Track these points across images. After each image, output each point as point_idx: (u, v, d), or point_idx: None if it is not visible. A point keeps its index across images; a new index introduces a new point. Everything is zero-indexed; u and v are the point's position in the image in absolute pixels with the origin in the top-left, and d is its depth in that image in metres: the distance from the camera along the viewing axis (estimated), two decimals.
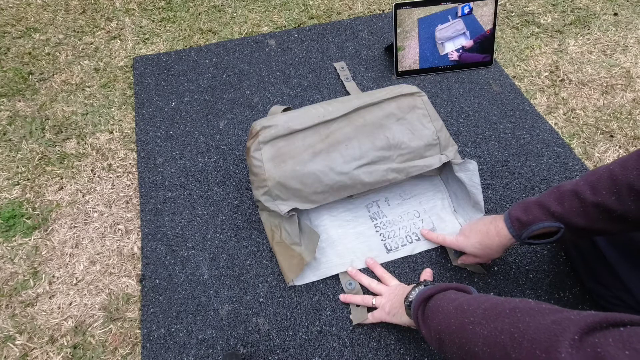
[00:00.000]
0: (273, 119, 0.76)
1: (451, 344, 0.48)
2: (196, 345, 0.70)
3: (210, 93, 1.06)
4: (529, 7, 1.27)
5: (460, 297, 0.52)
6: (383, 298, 0.69)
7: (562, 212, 0.57)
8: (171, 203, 0.87)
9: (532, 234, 0.60)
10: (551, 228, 0.59)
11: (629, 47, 1.15)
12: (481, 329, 0.44)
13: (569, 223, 0.57)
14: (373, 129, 0.76)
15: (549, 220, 0.59)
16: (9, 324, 0.74)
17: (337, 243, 0.80)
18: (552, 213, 0.58)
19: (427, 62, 1.08)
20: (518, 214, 0.62)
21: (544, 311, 0.41)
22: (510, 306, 0.44)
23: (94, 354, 0.71)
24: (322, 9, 1.28)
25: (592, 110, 1.02)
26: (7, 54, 1.16)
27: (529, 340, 0.39)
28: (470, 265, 0.76)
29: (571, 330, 0.36)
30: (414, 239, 0.80)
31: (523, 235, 0.61)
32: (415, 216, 0.83)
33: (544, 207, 0.59)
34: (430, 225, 0.82)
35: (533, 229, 0.60)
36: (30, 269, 0.80)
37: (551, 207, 0.58)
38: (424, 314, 0.55)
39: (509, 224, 0.63)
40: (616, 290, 0.65)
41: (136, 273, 0.79)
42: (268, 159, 0.73)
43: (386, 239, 0.80)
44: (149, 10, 1.28)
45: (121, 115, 1.03)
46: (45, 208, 0.88)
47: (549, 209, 0.58)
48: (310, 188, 0.73)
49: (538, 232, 0.60)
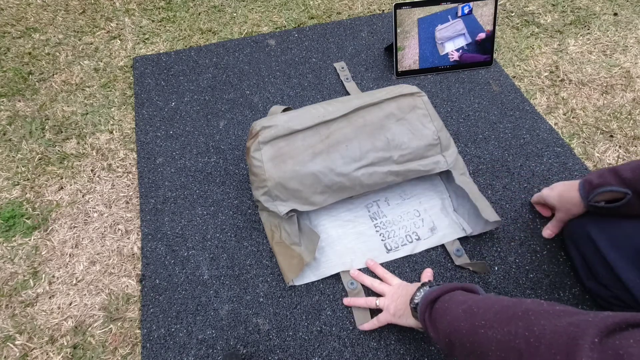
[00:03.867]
0: (273, 119, 0.76)
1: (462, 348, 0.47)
2: (196, 345, 0.70)
3: (210, 93, 1.06)
4: (529, 7, 1.27)
5: (468, 299, 0.51)
6: (387, 299, 0.69)
7: (632, 179, 0.60)
8: (171, 203, 0.87)
9: (599, 197, 0.63)
10: (619, 194, 0.61)
11: (629, 47, 1.15)
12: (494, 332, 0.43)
13: (637, 190, 0.60)
14: (373, 130, 0.76)
15: (618, 185, 0.61)
16: (9, 324, 0.74)
17: (336, 243, 0.80)
18: (624, 179, 0.61)
19: (427, 62, 1.08)
20: (591, 177, 0.65)
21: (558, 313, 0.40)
22: (522, 308, 0.43)
23: (94, 354, 0.71)
24: (322, 9, 1.28)
25: (592, 110, 1.02)
26: (7, 54, 1.16)
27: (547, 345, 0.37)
28: (473, 265, 0.76)
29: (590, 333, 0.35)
30: (414, 239, 0.80)
31: (590, 197, 0.64)
32: (416, 215, 0.83)
33: (616, 173, 0.62)
34: (430, 224, 0.82)
35: (599, 191, 0.63)
36: (30, 269, 0.80)
37: (623, 173, 0.61)
38: (431, 317, 0.54)
39: (581, 185, 0.67)
40: (616, 290, 0.65)
41: (136, 273, 0.79)
42: (268, 159, 0.73)
43: (386, 238, 0.80)
44: (149, 10, 1.28)
45: (121, 115, 1.03)
46: (45, 208, 0.88)
47: (621, 175, 0.61)
48: (309, 189, 0.73)
49: (606, 196, 0.63)
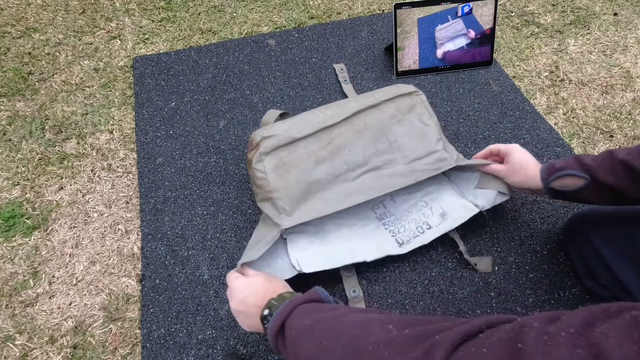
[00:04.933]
0: (272, 128, 0.74)
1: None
2: (196, 345, 0.70)
3: (210, 93, 1.06)
4: (529, 7, 1.27)
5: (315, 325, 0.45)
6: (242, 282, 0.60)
7: (592, 165, 0.62)
8: (171, 203, 0.87)
9: (559, 182, 0.65)
10: (578, 181, 0.63)
11: (629, 47, 1.15)
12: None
13: (596, 177, 0.61)
14: (374, 133, 0.75)
15: (578, 170, 0.63)
16: (9, 324, 0.74)
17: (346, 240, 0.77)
18: (584, 165, 0.63)
19: (427, 62, 1.08)
20: (554, 161, 0.68)
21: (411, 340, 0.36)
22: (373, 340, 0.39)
23: (94, 354, 0.71)
24: (322, 9, 1.28)
25: (592, 110, 1.02)
26: (7, 54, 1.16)
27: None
28: (479, 260, 0.76)
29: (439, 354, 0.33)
30: (425, 229, 0.79)
31: (549, 179, 0.66)
32: (423, 206, 0.82)
33: (578, 159, 0.64)
34: (439, 210, 0.80)
35: (559, 174, 0.65)
36: (30, 269, 0.80)
37: (585, 159, 0.63)
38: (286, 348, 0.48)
39: (544, 167, 0.68)
40: (615, 290, 0.65)
41: (136, 273, 0.79)
42: (271, 170, 0.71)
43: (396, 234, 0.79)
44: (148, 10, 1.28)
45: (121, 115, 1.03)
46: (45, 208, 0.88)
47: (582, 161, 0.63)
48: (316, 196, 0.72)
49: (568, 182, 0.64)
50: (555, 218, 0.83)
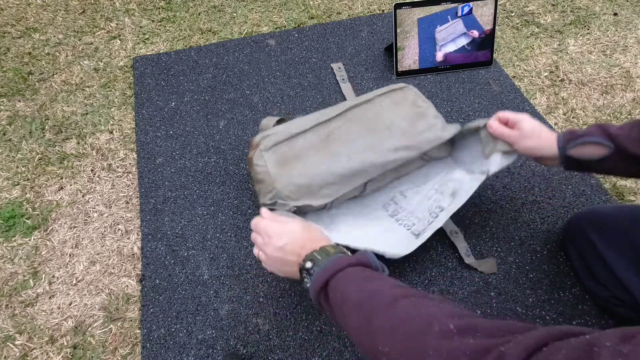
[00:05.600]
0: (272, 129, 0.76)
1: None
2: (196, 345, 0.70)
3: (210, 93, 1.06)
4: (529, 7, 1.27)
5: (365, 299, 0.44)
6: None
7: (618, 134, 0.57)
8: (171, 203, 0.87)
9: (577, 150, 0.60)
10: (601, 150, 0.58)
11: (629, 47, 1.15)
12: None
13: (622, 146, 0.57)
14: (371, 122, 0.76)
15: (604, 138, 0.58)
16: (9, 324, 0.74)
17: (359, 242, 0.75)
18: (610, 134, 0.58)
19: (427, 62, 1.08)
20: (575, 128, 0.62)
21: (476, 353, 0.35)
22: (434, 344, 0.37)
23: (94, 354, 0.71)
24: (322, 9, 1.28)
25: (592, 110, 1.02)
26: (7, 54, 1.16)
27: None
28: (482, 263, 0.76)
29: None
30: (438, 212, 0.77)
31: (569, 145, 0.60)
32: (434, 193, 0.81)
33: (602, 127, 0.59)
34: (450, 190, 0.79)
35: (580, 141, 0.59)
36: (30, 269, 0.80)
37: (610, 128, 0.58)
38: (329, 303, 0.48)
39: (563, 132, 0.62)
40: (615, 290, 0.65)
41: (136, 273, 0.79)
42: (273, 165, 0.72)
43: (411, 227, 0.78)
44: (148, 10, 1.28)
45: (121, 115, 1.03)
46: (45, 208, 0.88)
47: (608, 130, 0.58)
48: (320, 184, 0.72)
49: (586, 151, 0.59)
50: (555, 218, 0.83)
